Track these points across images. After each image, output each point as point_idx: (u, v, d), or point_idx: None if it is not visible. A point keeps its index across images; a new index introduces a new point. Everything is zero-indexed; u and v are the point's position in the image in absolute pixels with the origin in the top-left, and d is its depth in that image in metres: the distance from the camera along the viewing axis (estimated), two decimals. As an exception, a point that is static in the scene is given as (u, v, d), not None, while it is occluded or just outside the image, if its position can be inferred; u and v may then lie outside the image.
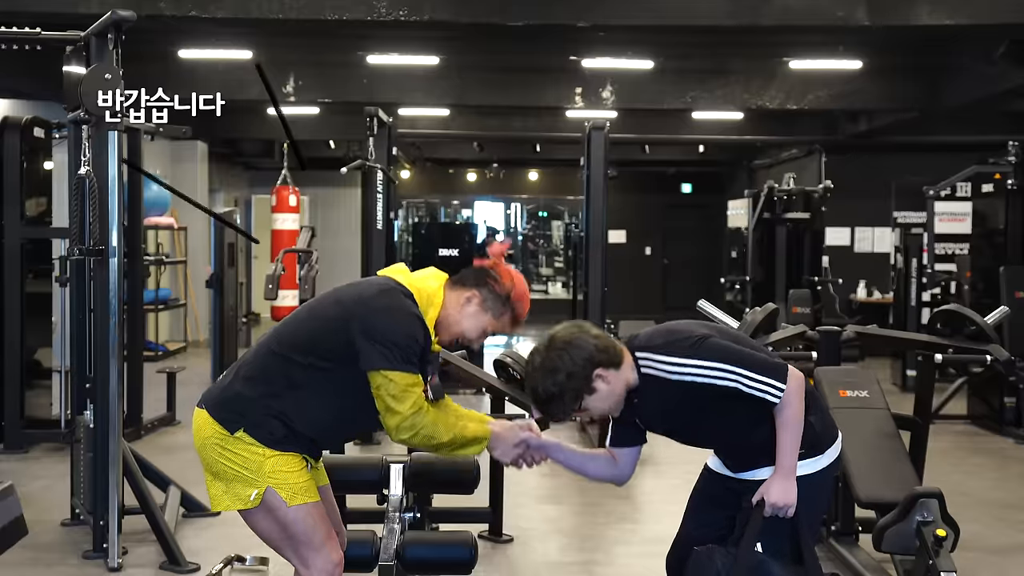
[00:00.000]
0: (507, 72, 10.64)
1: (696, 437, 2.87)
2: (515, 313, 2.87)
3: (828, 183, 11.18)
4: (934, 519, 3.61)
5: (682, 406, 2.71)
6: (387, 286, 2.79)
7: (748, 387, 2.63)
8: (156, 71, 10.01)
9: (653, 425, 2.83)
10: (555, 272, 24.28)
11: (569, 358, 2.64)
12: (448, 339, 2.86)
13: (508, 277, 2.88)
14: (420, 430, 2.72)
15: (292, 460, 2.75)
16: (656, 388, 2.69)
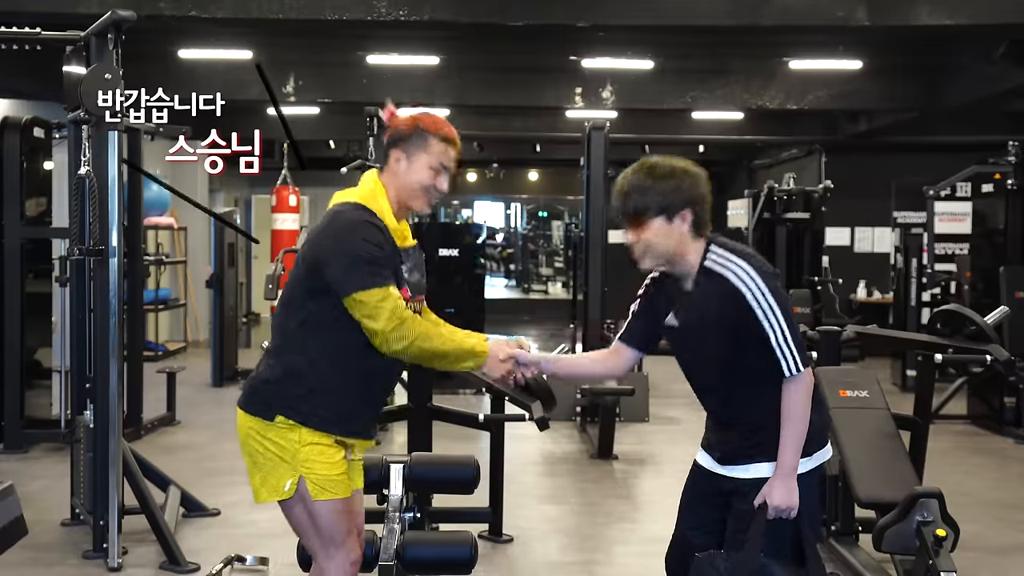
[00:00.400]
0: (507, 72, 10.64)
1: (702, 366, 2.76)
2: (441, 135, 2.80)
3: (828, 183, 11.19)
4: (934, 519, 3.61)
5: (718, 318, 2.64)
6: (333, 211, 2.78)
7: (777, 343, 2.61)
8: (156, 71, 10.02)
9: (680, 327, 2.74)
10: (555, 272, 24.30)
11: (688, 180, 2.69)
12: (419, 205, 2.81)
13: (408, 119, 2.85)
14: (412, 341, 2.65)
15: (327, 451, 2.75)
16: (711, 285, 2.66)
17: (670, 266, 2.73)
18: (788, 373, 2.63)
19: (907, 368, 9.43)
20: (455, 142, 2.85)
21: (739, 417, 2.74)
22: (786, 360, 2.62)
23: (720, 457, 2.79)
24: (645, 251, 2.70)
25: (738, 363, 2.68)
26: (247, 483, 2.86)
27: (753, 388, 2.70)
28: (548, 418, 4.69)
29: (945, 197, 10.51)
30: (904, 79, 10.61)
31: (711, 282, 2.67)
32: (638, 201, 2.67)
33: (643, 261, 2.71)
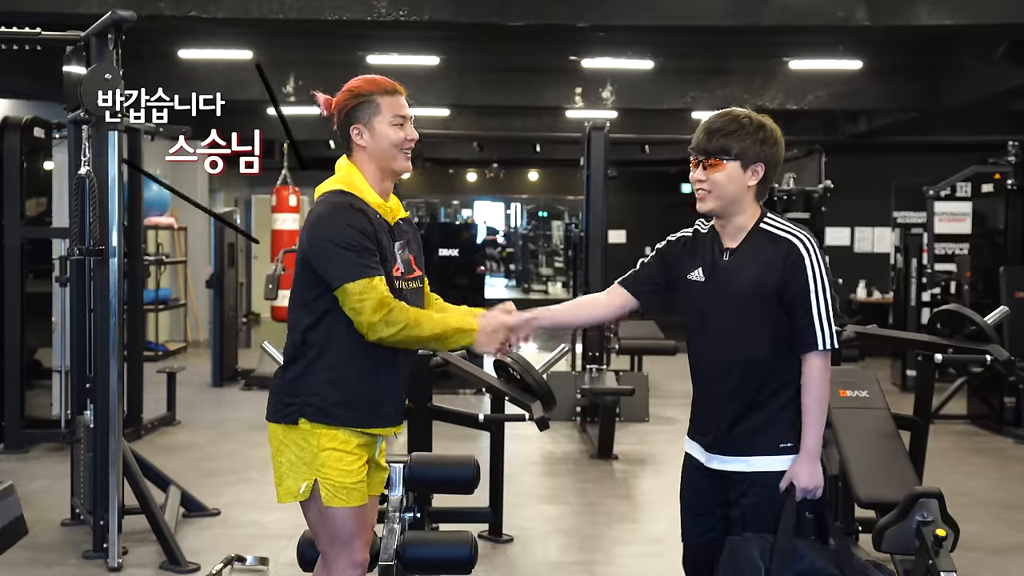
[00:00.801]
0: (507, 72, 10.64)
1: (722, 324, 2.70)
2: (381, 90, 2.84)
3: (828, 183, 11.18)
4: (934, 519, 3.61)
5: (762, 277, 2.65)
6: (316, 203, 2.80)
7: (818, 311, 2.62)
8: (156, 71, 10.02)
9: (707, 281, 2.72)
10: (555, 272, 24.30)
11: (772, 139, 2.70)
12: (400, 163, 2.80)
13: (343, 94, 2.90)
14: (400, 329, 2.63)
15: (344, 458, 2.75)
16: (765, 245, 2.68)
17: (723, 217, 2.72)
18: (821, 345, 2.63)
19: (907, 368, 9.43)
20: (397, 89, 2.86)
21: (743, 392, 2.69)
22: (822, 331, 2.64)
23: (713, 444, 2.73)
24: (711, 191, 2.69)
25: (762, 325, 2.67)
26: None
27: (767, 359, 2.68)
28: (548, 418, 4.69)
29: (945, 197, 10.51)
30: (904, 79, 10.61)
31: (767, 242, 2.69)
32: (723, 141, 2.67)
33: (705, 201, 2.70)
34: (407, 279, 2.79)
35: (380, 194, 2.80)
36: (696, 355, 2.80)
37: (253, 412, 8.19)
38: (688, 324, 2.81)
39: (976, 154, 9.93)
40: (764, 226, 2.73)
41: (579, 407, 7.97)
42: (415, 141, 2.84)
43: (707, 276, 2.75)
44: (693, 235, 2.85)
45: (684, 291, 2.80)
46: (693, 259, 2.79)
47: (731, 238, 2.75)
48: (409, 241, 2.84)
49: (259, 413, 8.56)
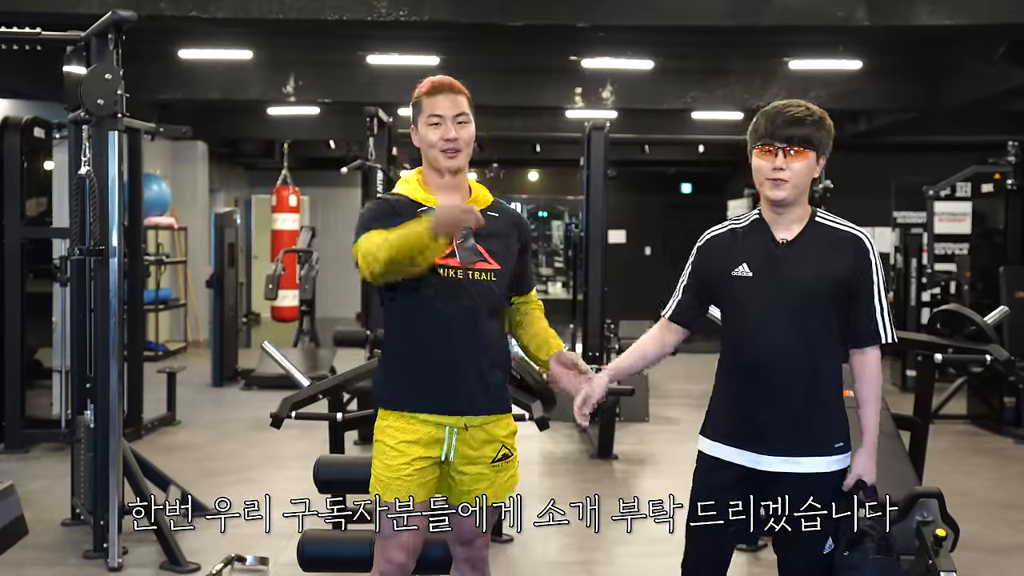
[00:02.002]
0: (507, 72, 10.63)
1: (776, 318, 2.66)
2: (423, 92, 2.86)
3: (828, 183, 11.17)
4: (934, 519, 3.61)
5: (823, 269, 2.66)
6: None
7: (880, 304, 2.70)
8: (156, 71, 10.04)
9: (757, 276, 2.69)
10: (555, 272, 24.28)
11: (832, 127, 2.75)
12: (441, 161, 2.81)
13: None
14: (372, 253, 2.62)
15: (388, 452, 2.78)
16: (826, 237, 2.72)
17: (786, 207, 2.71)
18: (884, 338, 2.71)
19: (907, 368, 9.44)
20: (441, 89, 2.85)
21: (801, 388, 2.67)
22: (883, 323, 2.71)
23: (762, 445, 2.67)
24: (789, 180, 2.67)
25: (821, 316, 2.67)
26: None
27: (824, 352, 2.68)
28: (548, 418, 4.70)
29: (945, 197, 10.52)
30: (904, 79, 10.61)
31: (829, 235, 2.73)
32: (811, 131, 2.67)
33: (784, 188, 2.67)
34: (469, 268, 2.76)
35: (438, 188, 2.84)
36: (744, 352, 2.72)
37: (253, 412, 8.19)
38: (733, 320, 2.76)
39: (976, 154, 9.94)
40: (820, 219, 2.75)
41: (579, 407, 7.96)
42: (454, 140, 2.81)
43: (758, 270, 2.70)
44: (730, 231, 2.81)
45: (727, 288, 2.75)
46: (735, 255, 2.74)
47: (786, 229, 2.73)
48: (484, 234, 2.75)
49: (259, 413, 8.57)
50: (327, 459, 3.73)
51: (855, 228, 2.76)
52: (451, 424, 2.80)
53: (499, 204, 2.94)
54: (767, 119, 2.69)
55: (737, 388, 2.74)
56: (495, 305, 2.86)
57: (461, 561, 2.95)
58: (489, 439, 2.85)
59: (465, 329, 2.79)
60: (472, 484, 2.84)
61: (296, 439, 6.86)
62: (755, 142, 2.72)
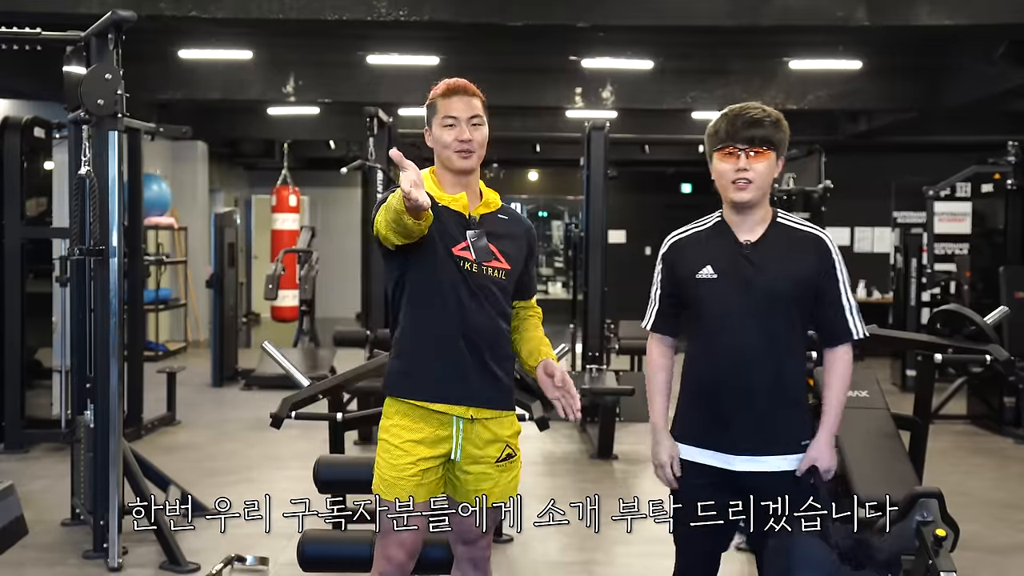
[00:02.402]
0: (507, 72, 10.63)
1: (743, 317, 2.68)
2: (438, 94, 2.88)
3: (828, 183, 11.20)
4: (934, 519, 3.61)
5: (789, 269, 2.68)
6: None
7: (847, 303, 2.73)
8: (156, 71, 10.03)
9: (722, 277, 2.70)
10: (555, 272, 24.28)
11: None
12: (456, 162, 2.83)
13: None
14: (377, 217, 2.75)
15: (393, 451, 2.80)
16: (789, 238, 2.74)
17: (749, 208, 2.73)
18: (855, 334, 2.74)
19: (907, 368, 9.44)
20: (452, 91, 2.87)
21: (769, 387, 2.68)
22: (853, 321, 2.74)
23: (735, 446, 2.69)
24: (752, 181, 2.70)
25: (785, 316, 2.69)
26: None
27: (789, 350, 2.71)
28: (548, 418, 4.70)
29: (945, 197, 10.52)
30: (904, 79, 10.61)
31: (791, 235, 2.74)
32: (771, 131, 2.71)
33: (748, 190, 2.70)
34: (484, 265, 2.81)
35: (453, 188, 2.86)
36: (710, 353, 2.74)
37: (253, 412, 8.19)
38: (698, 323, 2.77)
39: (976, 154, 9.93)
40: (782, 220, 2.77)
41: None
42: (468, 142, 2.83)
43: (722, 272, 2.72)
44: (693, 235, 2.84)
45: (692, 290, 2.76)
46: (699, 257, 2.76)
47: (749, 231, 2.75)
48: (495, 233, 2.85)
49: (259, 413, 8.58)
50: (327, 459, 3.73)
51: (816, 228, 2.78)
52: (458, 415, 2.80)
53: (509, 209, 2.97)
54: (727, 122, 2.74)
55: (704, 389, 2.76)
56: (505, 302, 2.89)
57: (463, 560, 2.95)
58: (494, 438, 2.85)
59: (476, 319, 2.81)
60: (476, 484, 2.84)
61: (296, 439, 6.86)
62: (716, 145, 2.77)
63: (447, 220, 2.81)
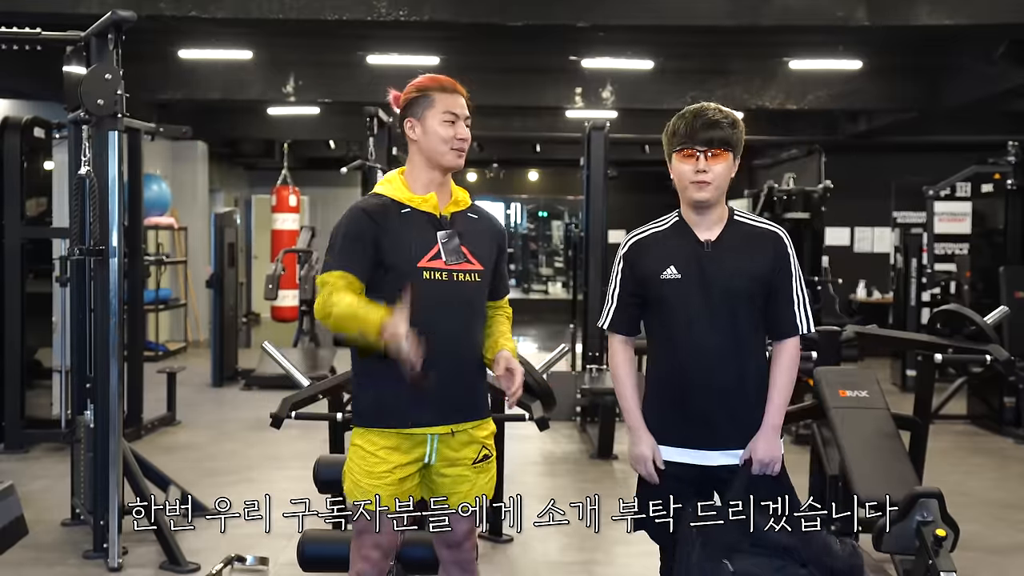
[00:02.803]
0: (507, 72, 10.64)
1: (706, 316, 2.71)
2: (439, 86, 2.82)
3: (828, 183, 11.20)
4: (934, 519, 3.61)
5: (749, 266, 2.72)
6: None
7: (798, 297, 2.77)
8: (156, 71, 10.03)
9: (685, 278, 2.73)
10: (555, 272, 24.32)
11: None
12: (450, 160, 2.81)
13: (407, 88, 2.87)
14: (325, 314, 2.69)
15: (369, 458, 2.75)
16: (748, 235, 2.78)
17: (708, 208, 2.76)
18: (803, 328, 2.77)
19: (907, 368, 9.43)
20: (456, 88, 2.85)
21: (734, 381, 2.72)
22: (802, 315, 2.77)
23: (710, 442, 2.73)
24: (711, 182, 2.72)
25: (748, 312, 2.73)
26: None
27: (752, 345, 2.75)
28: (548, 418, 4.70)
29: (945, 197, 10.52)
30: (904, 79, 10.61)
31: (748, 233, 2.78)
32: (728, 132, 2.73)
33: (707, 190, 2.72)
34: (452, 269, 2.74)
35: (424, 187, 2.81)
36: (677, 352, 2.76)
37: (253, 412, 8.19)
38: (663, 323, 2.79)
39: (976, 154, 9.94)
40: (739, 218, 2.82)
41: (579, 407, 7.97)
42: (466, 140, 2.83)
43: (685, 271, 2.75)
44: (651, 234, 2.87)
45: (656, 290, 2.78)
46: (661, 257, 2.79)
47: (708, 230, 2.78)
48: (465, 233, 2.81)
49: (259, 413, 8.57)
50: (327, 459, 3.73)
51: (772, 224, 2.83)
52: (436, 433, 2.78)
53: (478, 207, 2.92)
54: (685, 123, 2.75)
55: (671, 389, 2.78)
56: (479, 307, 2.85)
57: (449, 564, 2.93)
58: (470, 440, 2.83)
59: (448, 333, 2.74)
60: (454, 486, 2.82)
61: (296, 439, 6.86)
62: (675, 146, 2.78)
63: (415, 225, 2.75)
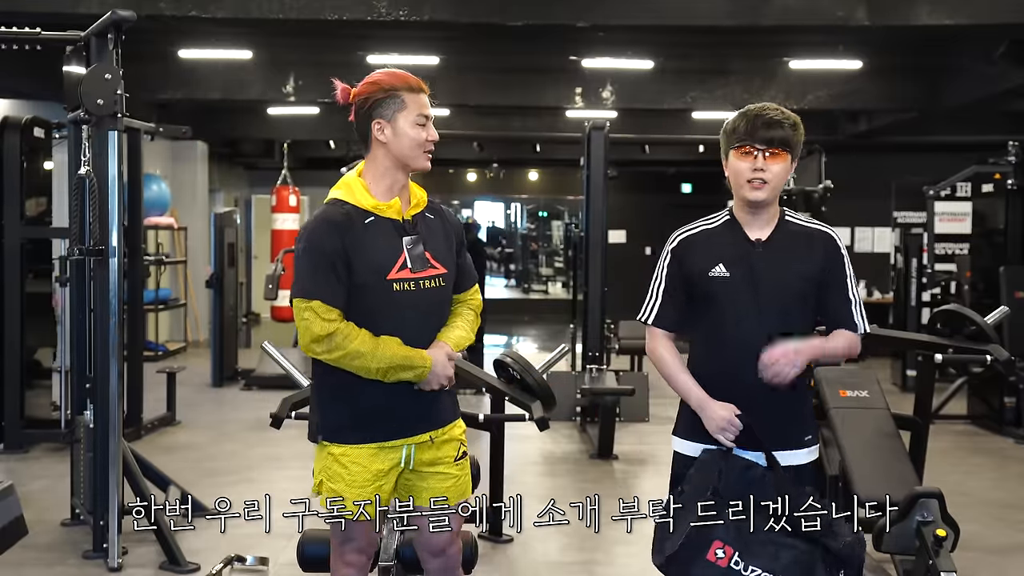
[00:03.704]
0: (507, 72, 10.63)
1: (758, 316, 2.69)
2: (408, 86, 2.76)
3: (828, 183, 11.19)
4: (934, 519, 3.61)
5: (802, 267, 2.73)
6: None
7: (854, 297, 2.80)
8: (156, 71, 10.03)
9: (734, 277, 2.70)
10: (555, 272, 24.30)
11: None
12: (421, 163, 2.74)
13: (367, 85, 2.81)
14: (341, 353, 2.64)
15: (350, 467, 2.73)
16: (801, 236, 2.78)
17: (762, 207, 2.75)
18: (860, 329, 2.79)
19: (907, 368, 9.43)
20: (422, 88, 2.80)
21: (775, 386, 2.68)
22: (859, 315, 2.80)
23: (743, 441, 2.69)
24: (768, 181, 2.72)
25: (799, 312, 2.74)
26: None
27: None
28: (548, 418, 4.70)
29: (945, 197, 10.51)
30: (904, 79, 10.61)
31: (800, 233, 2.78)
32: (788, 133, 2.75)
33: (763, 190, 2.71)
34: (418, 277, 2.71)
35: (388, 191, 2.75)
36: (723, 351, 2.74)
37: (253, 412, 8.19)
38: (710, 320, 2.76)
39: (976, 154, 9.93)
40: (789, 219, 2.81)
41: (579, 407, 7.97)
42: (435, 141, 2.79)
43: (735, 269, 2.73)
44: (701, 232, 2.83)
45: (705, 288, 2.75)
46: (710, 255, 2.76)
47: (759, 230, 2.77)
48: (427, 238, 2.76)
49: (259, 413, 8.56)
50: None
51: (823, 225, 2.84)
52: (412, 443, 2.78)
53: (434, 205, 2.86)
54: (746, 121, 2.74)
55: (716, 387, 2.74)
56: (446, 310, 2.84)
57: (434, 572, 2.93)
58: (448, 438, 2.84)
59: (421, 340, 2.73)
60: (438, 484, 2.81)
61: (296, 439, 6.84)
62: (734, 143, 2.75)
63: (381, 235, 2.70)
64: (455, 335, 2.79)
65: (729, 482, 2.65)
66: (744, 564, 2.58)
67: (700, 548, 2.59)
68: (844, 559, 2.62)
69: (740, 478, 2.66)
